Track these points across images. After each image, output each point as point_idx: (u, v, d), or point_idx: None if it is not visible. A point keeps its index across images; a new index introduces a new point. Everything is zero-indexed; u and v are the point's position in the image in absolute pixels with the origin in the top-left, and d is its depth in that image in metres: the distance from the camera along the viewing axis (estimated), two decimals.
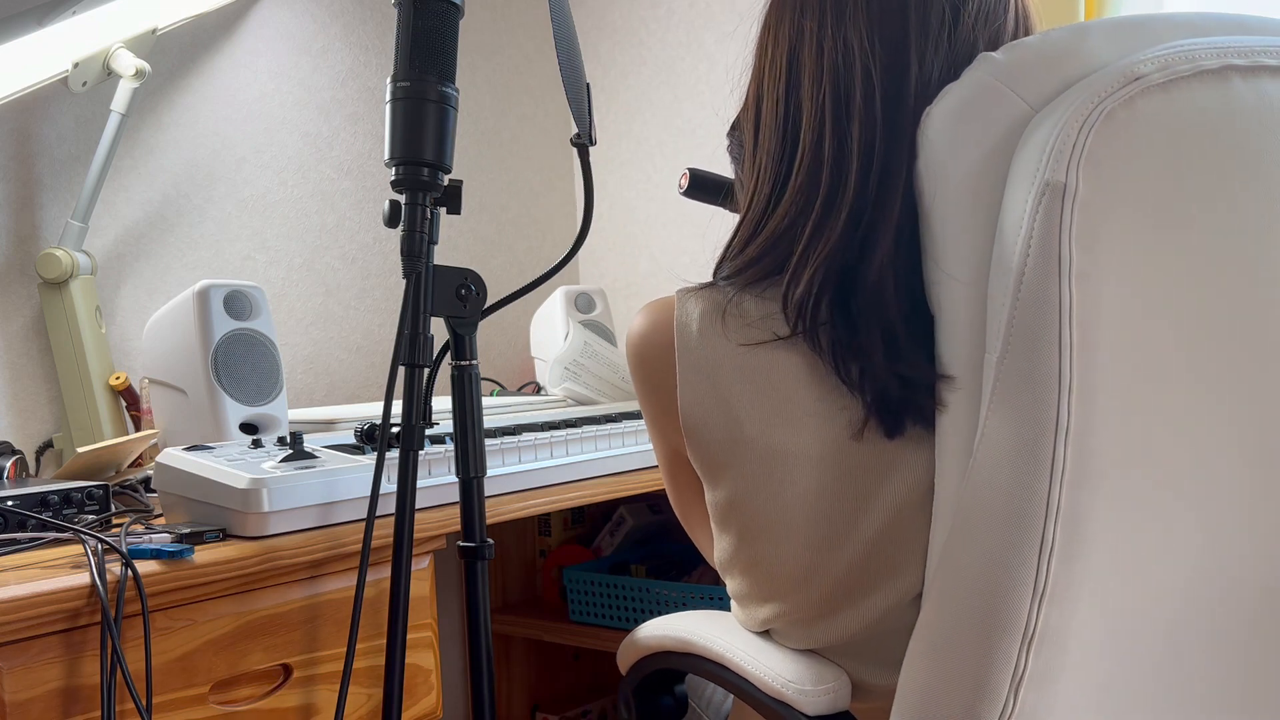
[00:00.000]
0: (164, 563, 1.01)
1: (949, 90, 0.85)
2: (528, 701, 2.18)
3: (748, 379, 0.93)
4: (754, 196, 0.98)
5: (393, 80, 1.05)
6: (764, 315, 0.93)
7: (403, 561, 1.05)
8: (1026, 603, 0.77)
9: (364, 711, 1.17)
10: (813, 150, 0.93)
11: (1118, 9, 1.77)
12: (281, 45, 1.93)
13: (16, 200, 1.59)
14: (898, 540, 0.91)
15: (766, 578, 0.97)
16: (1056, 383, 0.75)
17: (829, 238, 0.90)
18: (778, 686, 0.96)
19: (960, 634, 0.81)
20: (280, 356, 1.47)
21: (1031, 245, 0.75)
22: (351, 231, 2.03)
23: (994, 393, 0.78)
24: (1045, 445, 0.75)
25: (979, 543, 0.79)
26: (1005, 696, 0.79)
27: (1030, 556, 0.76)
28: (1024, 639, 0.78)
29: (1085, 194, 0.74)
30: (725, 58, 2.21)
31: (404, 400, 1.07)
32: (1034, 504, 0.76)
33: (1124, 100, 0.75)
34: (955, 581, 0.81)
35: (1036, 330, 0.75)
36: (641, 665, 1.14)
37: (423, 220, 1.06)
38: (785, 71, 0.96)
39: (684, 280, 1.08)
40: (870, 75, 0.90)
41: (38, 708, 0.93)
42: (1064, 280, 0.74)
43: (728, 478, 0.96)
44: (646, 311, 1.05)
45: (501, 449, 1.35)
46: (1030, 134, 0.78)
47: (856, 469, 0.90)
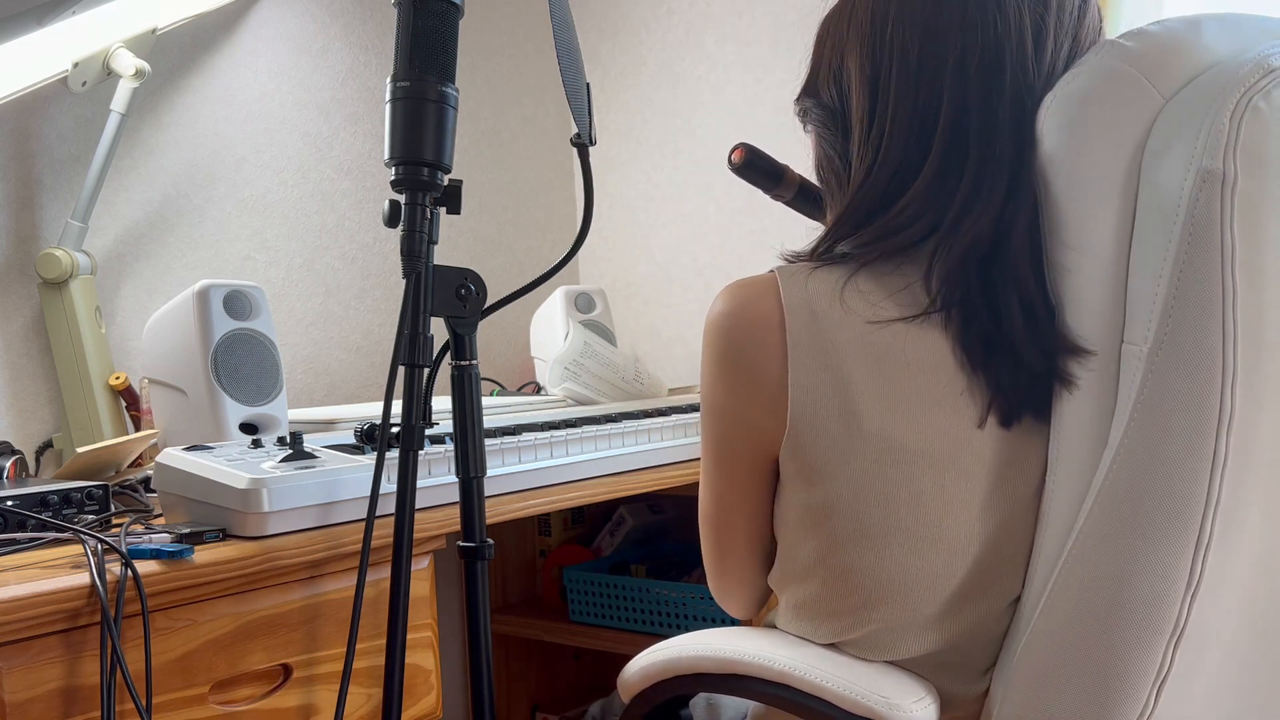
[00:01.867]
0: (164, 563, 1.00)
1: (1074, 75, 0.85)
2: (528, 701, 2.18)
3: (873, 362, 0.89)
4: (876, 165, 0.94)
5: (393, 80, 1.05)
6: (890, 292, 0.90)
7: (403, 561, 1.05)
8: (1179, 598, 0.76)
9: (364, 711, 1.17)
10: (955, 119, 0.90)
11: (1119, 10, 1.77)
12: (281, 45, 1.93)
13: (16, 200, 1.59)
14: (1006, 544, 0.89)
15: (858, 586, 0.92)
16: (1220, 372, 0.74)
17: (984, 210, 0.88)
18: (865, 701, 0.89)
19: (1091, 633, 0.79)
20: (280, 356, 1.47)
21: (1192, 233, 0.75)
22: (351, 231, 2.03)
23: (1145, 383, 0.77)
24: (1207, 436, 0.74)
25: (1125, 537, 0.77)
26: (1146, 695, 0.77)
27: (1186, 550, 0.75)
28: (1173, 635, 0.76)
29: (1245, 185, 0.74)
30: (726, 57, 2.21)
31: (404, 400, 1.07)
32: (1194, 496, 0.75)
33: (1264, 92, 0.75)
34: (1090, 578, 0.79)
35: (1198, 320, 0.74)
36: (655, 691, 1.05)
37: (423, 220, 1.05)
38: (919, 35, 0.92)
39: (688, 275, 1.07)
40: (1024, 42, 0.89)
41: (38, 708, 0.93)
42: (1227, 268, 0.74)
43: (834, 477, 0.91)
44: (737, 291, 0.96)
45: (501, 449, 1.35)
46: (1173, 123, 0.78)
47: (974, 470, 0.88)
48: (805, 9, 1.05)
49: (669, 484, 1.55)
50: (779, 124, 2.09)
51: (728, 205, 2.21)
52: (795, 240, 1.05)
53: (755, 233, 2.18)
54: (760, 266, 0.99)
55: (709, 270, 2.23)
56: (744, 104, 2.20)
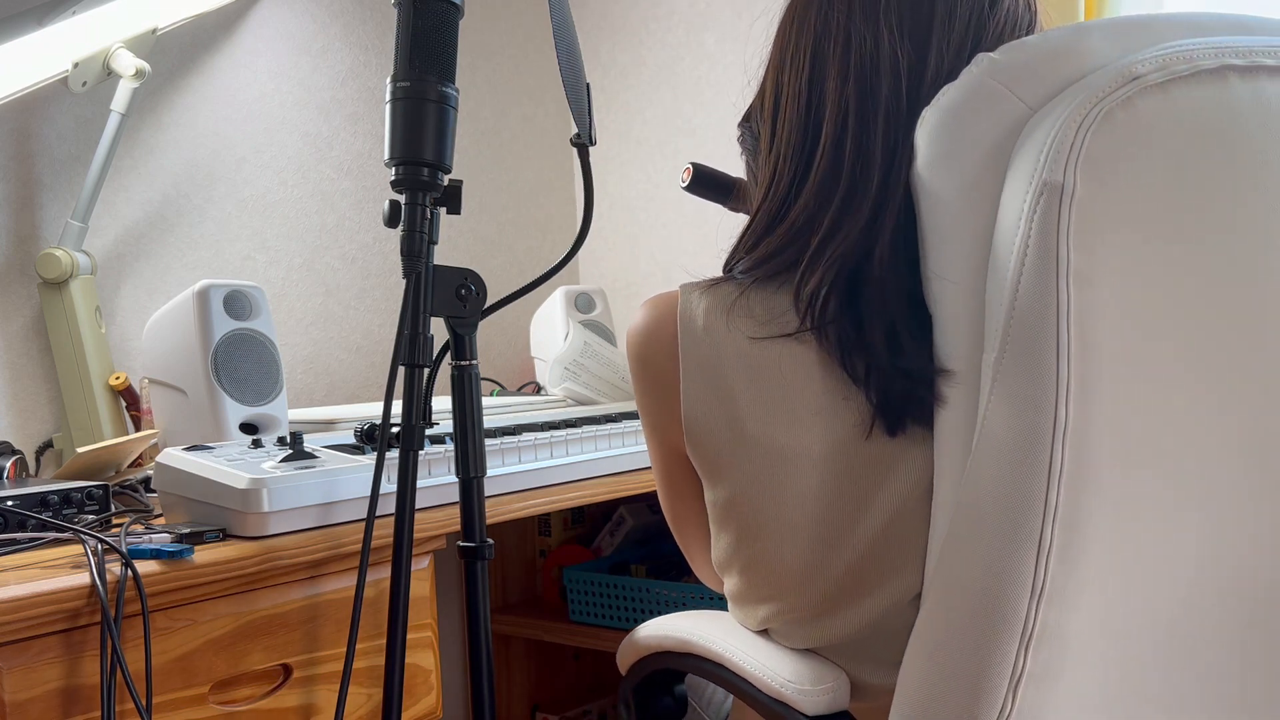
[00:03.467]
0: (164, 563, 1.01)
1: (946, 90, 0.84)
2: (528, 701, 2.18)
3: (752, 376, 0.93)
4: (771, 189, 0.97)
5: (393, 80, 1.05)
6: (772, 311, 0.93)
7: (403, 561, 1.05)
8: (1025, 602, 0.77)
9: (364, 711, 1.17)
10: (834, 146, 0.92)
11: (1118, 9, 1.77)
12: (281, 45, 1.93)
13: (16, 200, 1.59)
14: (897, 540, 0.91)
15: (765, 577, 0.97)
16: (1054, 382, 0.74)
17: (846, 234, 0.89)
18: (776, 686, 0.96)
19: (958, 633, 0.81)
20: (280, 356, 1.47)
21: (1029, 245, 0.75)
22: (351, 231, 2.03)
23: (992, 392, 0.78)
24: (1043, 445, 0.75)
25: (977, 542, 0.79)
26: (1004, 695, 0.79)
27: (1028, 556, 0.76)
28: (1022, 638, 0.78)
29: (1083, 194, 0.74)
30: (725, 57, 2.21)
31: (404, 400, 1.07)
32: (1032, 504, 0.76)
33: (1122, 100, 0.74)
34: (953, 581, 0.81)
35: (1034, 330, 0.75)
36: (641, 666, 1.14)
37: (423, 220, 1.06)
38: (809, 63, 0.95)
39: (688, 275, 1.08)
40: (898, 72, 0.90)
41: (38, 708, 0.93)
42: (1062, 281, 0.74)
43: (729, 476, 0.96)
44: (649, 307, 1.04)
45: (501, 449, 1.35)
46: (1028, 134, 0.78)
47: (858, 468, 0.90)
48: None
49: None
50: None
51: None
52: None
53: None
54: None
55: (709, 270, 2.22)
56: (744, 104, 2.20)
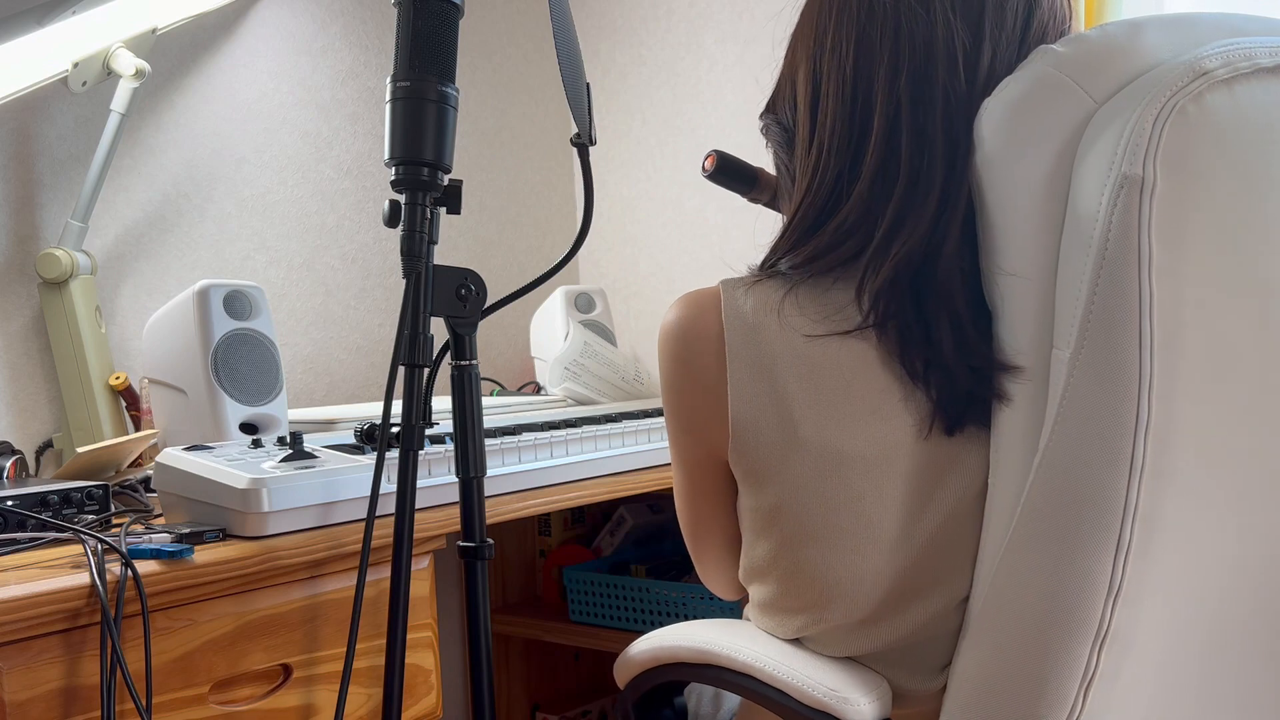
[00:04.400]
0: (164, 563, 1.01)
1: (1009, 82, 0.84)
2: (528, 701, 2.18)
3: (807, 375, 0.90)
4: (815, 183, 0.94)
5: (393, 80, 1.05)
6: (826, 308, 0.90)
7: (403, 561, 1.05)
8: (1101, 602, 0.76)
9: (364, 711, 1.17)
10: (887, 135, 0.89)
11: (1118, 11, 1.77)
12: (281, 45, 1.93)
13: (16, 200, 1.59)
14: (949, 545, 0.89)
15: (809, 585, 0.94)
16: (1137, 378, 0.74)
17: (913, 229, 0.87)
18: (819, 696, 0.92)
19: (1024, 634, 0.79)
20: (280, 356, 1.47)
21: (1110, 239, 0.74)
22: (351, 231, 2.03)
23: (1067, 388, 0.77)
24: (1124, 442, 0.74)
25: (1049, 541, 0.78)
26: (1074, 697, 0.78)
27: (1106, 555, 0.75)
28: (1096, 638, 0.76)
29: (1164, 188, 0.74)
30: (725, 57, 2.21)
31: (404, 400, 1.07)
32: (1112, 501, 0.75)
33: (1194, 95, 0.75)
34: (1019, 582, 0.80)
35: (1116, 325, 0.74)
36: (646, 678, 1.10)
37: (423, 220, 1.05)
38: (853, 50, 0.92)
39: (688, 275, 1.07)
40: (955, 57, 0.88)
41: (38, 708, 0.93)
42: (1144, 274, 0.73)
43: (776, 481, 0.93)
44: (687, 303, 0.99)
45: (501, 449, 1.35)
46: (1100, 128, 0.78)
47: (913, 471, 0.89)
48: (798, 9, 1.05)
49: (669, 484, 1.55)
50: None
51: (728, 205, 2.21)
52: None
53: (755, 233, 2.17)
54: None
55: (709, 270, 2.23)
56: (744, 104, 2.20)
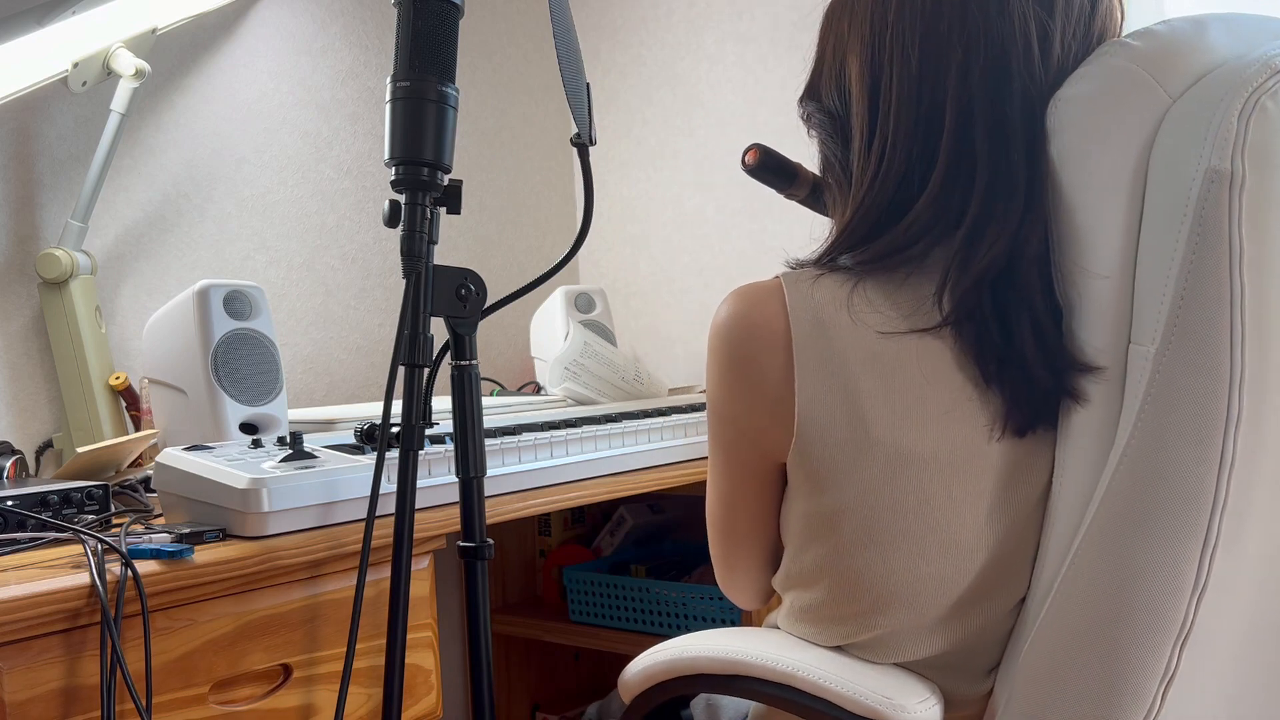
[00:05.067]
0: (164, 563, 1.00)
1: (1081, 76, 0.83)
2: (528, 701, 2.18)
3: (880, 373, 0.88)
4: (880, 176, 0.91)
5: (393, 80, 1.05)
6: (900, 305, 0.88)
7: (403, 561, 1.05)
8: (1186, 599, 0.75)
9: (364, 711, 1.17)
10: (960, 129, 0.87)
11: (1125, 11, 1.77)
12: (281, 45, 1.93)
13: (16, 200, 1.59)
14: (1013, 549, 0.88)
15: (866, 591, 0.91)
16: (1228, 373, 0.73)
17: (1001, 226, 0.85)
18: (869, 703, 0.89)
19: (1099, 633, 0.78)
20: (280, 356, 1.47)
21: (1199, 234, 0.74)
22: (351, 231, 2.03)
23: (1153, 383, 0.76)
24: (1214, 438, 0.74)
25: (1130, 538, 0.77)
26: (1153, 697, 0.77)
27: (1193, 551, 0.75)
28: (1179, 637, 0.76)
29: (1253, 183, 0.73)
30: (725, 57, 2.21)
31: (404, 400, 1.07)
32: (1202, 497, 0.74)
33: (1272, 92, 0.75)
34: (1093, 580, 0.79)
35: (1205, 320, 0.74)
36: (657, 692, 1.06)
37: (422, 220, 1.05)
38: (919, 38, 0.88)
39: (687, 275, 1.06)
40: (1030, 44, 0.86)
41: (38, 708, 0.93)
42: (1235, 269, 0.73)
43: (841, 483, 0.90)
44: (742, 298, 0.94)
45: (501, 449, 1.35)
46: (1180, 123, 0.77)
47: (983, 474, 0.87)
48: (805, 9, 1.04)
49: (669, 484, 1.55)
50: (779, 124, 2.09)
51: (728, 205, 2.21)
52: (795, 238, 1.05)
53: (755, 233, 2.17)
54: (760, 267, 0.99)
55: (709, 270, 2.23)
56: (744, 104, 2.20)
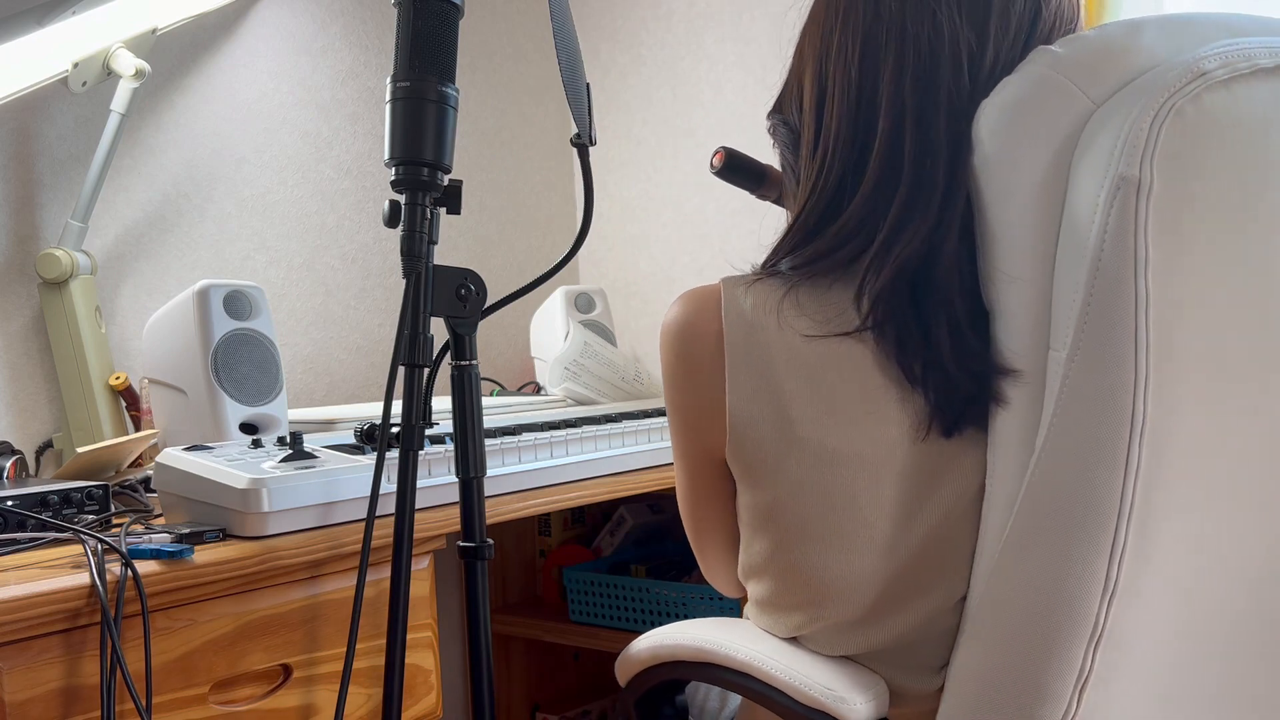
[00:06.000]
0: (164, 563, 1.01)
1: (1007, 83, 0.83)
2: (528, 701, 2.18)
3: (805, 375, 0.90)
4: (819, 184, 0.94)
5: (393, 80, 1.05)
6: (826, 309, 0.90)
7: (403, 561, 1.05)
8: (1096, 602, 0.76)
9: (364, 711, 1.17)
10: (891, 140, 0.89)
11: (1119, 11, 1.77)
12: (281, 45, 1.93)
13: (16, 200, 1.59)
14: (946, 544, 0.89)
15: (806, 583, 0.94)
16: (1133, 379, 0.73)
17: (914, 231, 0.87)
18: (815, 695, 0.92)
19: (1020, 635, 0.79)
20: (280, 356, 1.47)
21: (1106, 240, 0.74)
22: (351, 231, 2.03)
23: (1063, 389, 0.77)
24: (1120, 443, 0.74)
25: (1045, 542, 0.78)
26: (1069, 697, 0.77)
27: (1101, 555, 0.75)
28: (1091, 639, 0.76)
29: (1160, 189, 0.73)
30: (725, 57, 2.21)
31: (404, 400, 1.07)
32: (1107, 502, 0.75)
33: (1192, 96, 0.74)
34: (1015, 582, 0.80)
35: (1111, 326, 0.74)
36: (646, 676, 1.11)
37: (422, 220, 1.05)
38: (859, 53, 0.91)
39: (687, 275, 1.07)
40: (959, 60, 0.88)
41: (38, 708, 0.93)
42: (1140, 276, 0.73)
43: (772, 479, 0.93)
44: (687, 301, 0.99)
45: (501, 449, 1.35)
46: (1097, 129, 0.77)
47: (910, 471, 0.89)
48: (805, 9, 1.05)
49: (669, 484, 1.55)
50: None
51: (728, 205, 2.21)
52: None
53: (755, 233, 2.16)
54: None
55: (709, 270, 2.23)
56: (744, 104, 2.20)
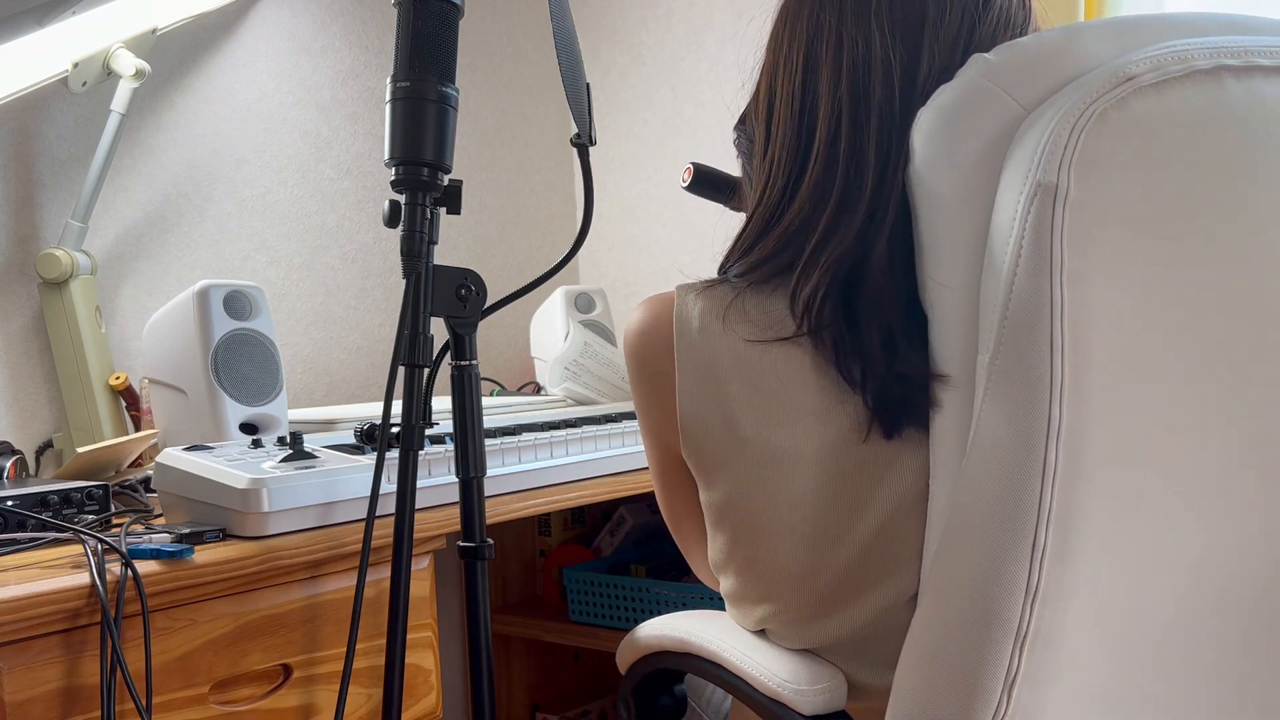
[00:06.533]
0: (164, 563, 1.01)
1: (941, 90, 0.84)
2: (528, 701, 2.18)
3: (747, 377, 0.92)
4: (765, 193, 0.96)
5: (393, 80, 1.05)
6: (768, 314, 0.92)
7: (403, 561, 1.05)
8: (1019, 602, 0.77)
9: (364, 711, 1.17)
10: (828, 148, 0.91)
11: (1117, 9, 1.77)
12: (281, 45, 1.93)
13: (16, 200, 1.59)
14: (893, 541, 0.90)
15: (761, 577, 0.97)
16: (1048, 383, 0.74)
17: (842, 237, 0.89)
18: (773, 686, 0.96)
19: (953, 634, 0.81)
20: (280, 356, 1.47)
21: (1023, 246, 0.75)
22: (351, 231, 2.03)
23: (986, 393, 0.78)
24: (1037, 446, 0.75)
25: (971, 543, 0.79)
26: (999, 696, 0.79)
27: (1022, 556, 0.76)
28: (1017, 638, 0.77)
29: (1077, 195, 0.74)
30: (725, 57, 2.21)
31: (404, 400, 1.07)
32: (1026, 504, 0.76)
33: (1116, 101, 0.74)
34: (948, 581, 0.81)
35: (1028, 331, 0.75)
36: (640, 665, 1.14)
37: (422, 220, 1.06)
38: (802, 66, 0.94)
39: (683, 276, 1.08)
40: (890, 73, 0.89)
41: (38, 708, 0.93)
42: (1055, 281, 0.74)
43: (723, 478, 0.96)
44: (645, 307, 1.04)
45: (501, 449, 1.35)
46: (1022, 135, 0.78)
47: (853, 470, 0.90)
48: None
49: None
50: None
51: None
52: None
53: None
54: None
55: (709, 270, 2.22)
56: (743, 104, 2.20)
